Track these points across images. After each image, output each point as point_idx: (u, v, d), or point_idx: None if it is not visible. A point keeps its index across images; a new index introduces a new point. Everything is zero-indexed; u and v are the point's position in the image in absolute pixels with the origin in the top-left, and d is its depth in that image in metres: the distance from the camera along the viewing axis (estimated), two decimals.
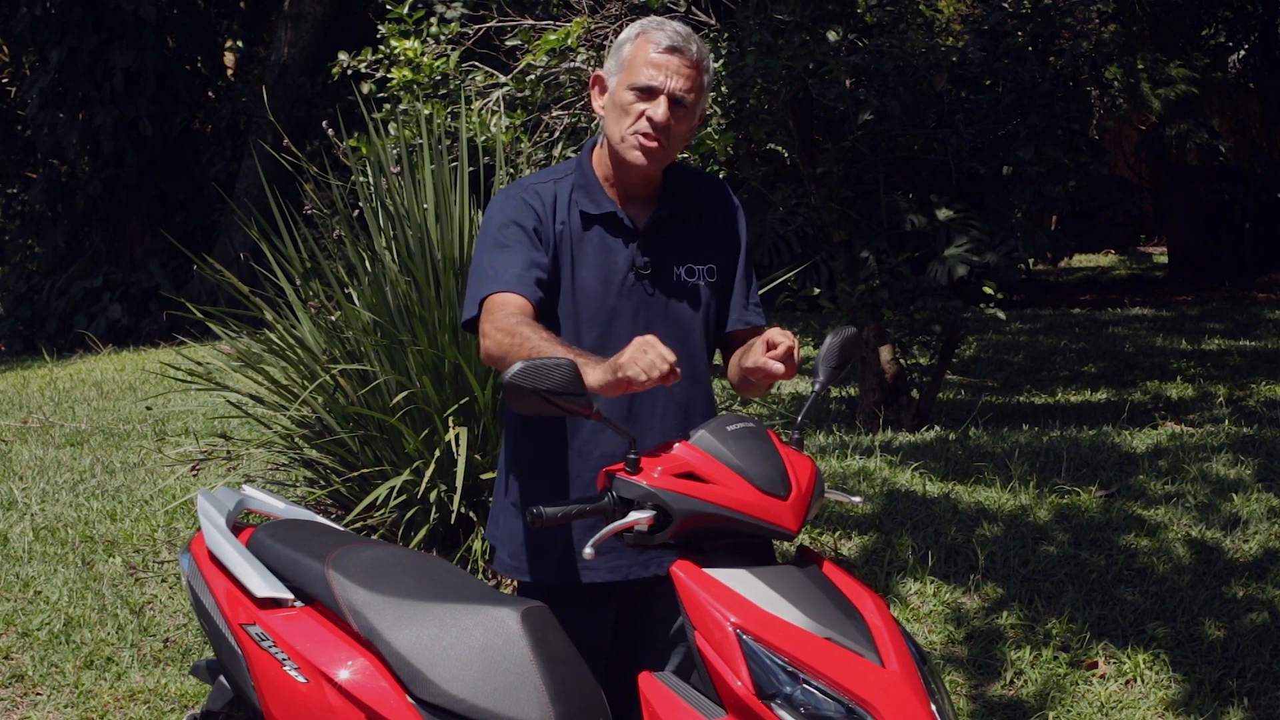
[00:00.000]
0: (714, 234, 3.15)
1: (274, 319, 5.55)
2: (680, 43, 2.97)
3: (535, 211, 3.04)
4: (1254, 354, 11.36)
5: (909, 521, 5.32)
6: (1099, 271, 20.34)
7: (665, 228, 3.10)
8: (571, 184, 3.09)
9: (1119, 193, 15.75)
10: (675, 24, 3.02)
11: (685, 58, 2.97)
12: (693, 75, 2.98)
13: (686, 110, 3.00)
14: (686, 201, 3.13)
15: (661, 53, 2.96)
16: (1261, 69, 19.33)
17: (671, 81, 2.97)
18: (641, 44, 2.99)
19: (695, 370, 3.12)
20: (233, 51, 17.88)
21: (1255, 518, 5.19)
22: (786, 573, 2.68)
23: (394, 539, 5.08)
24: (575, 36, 7.49)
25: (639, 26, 3.03)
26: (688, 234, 3.12)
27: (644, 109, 2.98)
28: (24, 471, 7.19)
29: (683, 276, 3.10)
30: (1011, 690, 4.42)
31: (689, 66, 2.98)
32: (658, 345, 2.66)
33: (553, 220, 3.06)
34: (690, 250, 3.11)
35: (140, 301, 15.71)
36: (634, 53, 3.00)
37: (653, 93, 2.97)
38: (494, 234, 3.03)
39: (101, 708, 4.57)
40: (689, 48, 2.98)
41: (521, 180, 3.16)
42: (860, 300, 7.70)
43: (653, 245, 3.08)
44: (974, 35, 8.04)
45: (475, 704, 2.83)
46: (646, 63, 2.97)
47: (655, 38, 2.98)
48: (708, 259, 3.13)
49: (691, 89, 2.99)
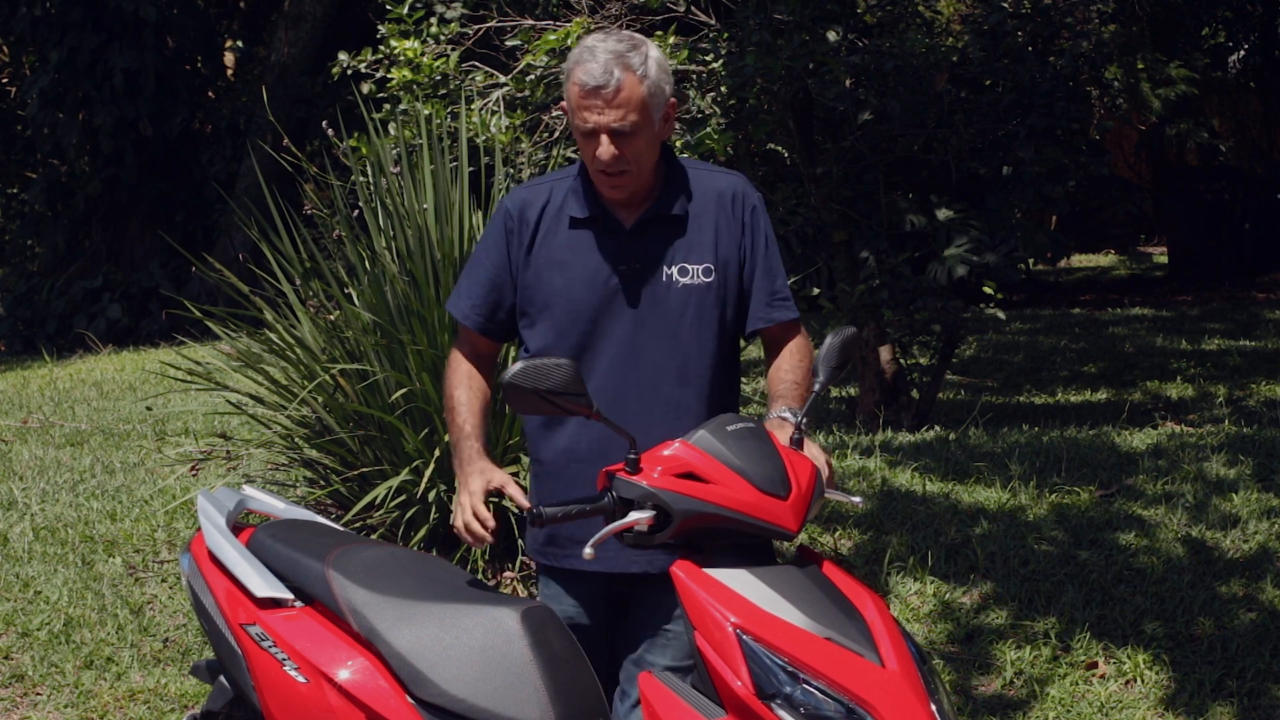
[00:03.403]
0: (716, 232, 3.13)
1: (274, 319, 5.55)
2: (598, 79, 2.95)
3: (511, 219, 3.14)
4: (1254, 354, 11.36)
5: (908, 521, 5.32)
6: (1099, 271, 20.34)
7: (655, 227, 3.10)
8: (567, 187, 3.13)
9: (1119, 193, 15.74)
10: (603, 49, 2.98)
11: (606, 93, 2.94)
12: (622, 103, 2.95)
13: (632, 132, 2.98)
14: (684, 199, 3.12)
15: (585, 95, 2.96)
16: (1261, 69, 19.33)
17: (602, 118, 2.96)
18: (571, 86, 3.00)
19: (685, 371, 3.10)
20: (233, 51, 17.87)
21: (1253, 517, 5.20)
22: (786, 573, 2.69)
23: (394, 539, 5.08)
24: (575, 36, 7.49)
25: (573, 57, 3.02)
26: (682, 233, 3.11)
27: (593, 148, 2.99)
28: (24, 471, 7.19)
29: (674, 276, 3.09)
30: (1010, 690, 4.43)
31: (613, 99, 2.95)
32: (478, 511, 3.00)
33: (536, 223, 3.12)
34: (683, 249, 3.10)
35: (140, 301, 15.70)
36: (568, 93, 3.02)
37: (593, 133, 2.98)
38: (484, 236, 3.22)
39: (101, 708, 4.57)
40: (608, 82, 2.94)
41: (521, 186, 3.24)
42: (860, 300, 7.71)
43: (640, 245, 3.09)
44: (974, 35, 8.04)
45: (475, 704, 2.84)
46: (577, 106, 2.99)
47: (579, 77, 2.98)
48: (704, 258, 3.11)
49: (624, 118, 2.96)
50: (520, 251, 3.13)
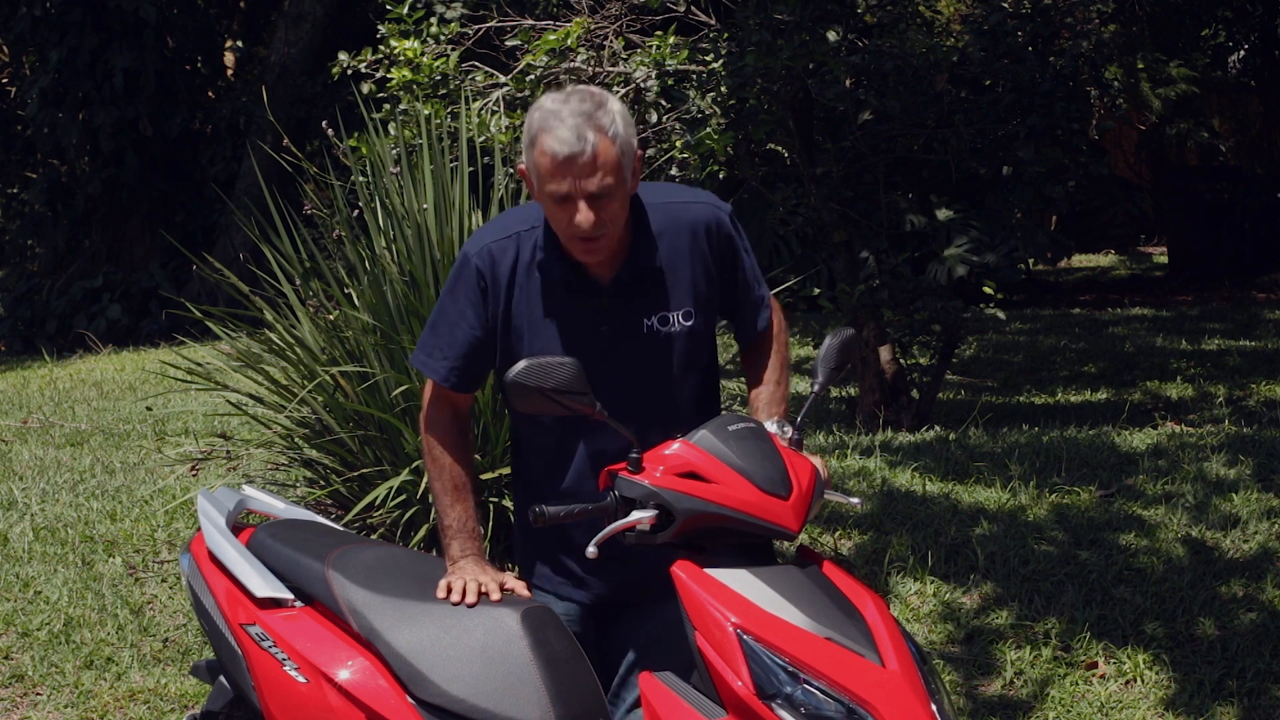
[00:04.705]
0: (692, 273, 3.02)
1: (274, 319, 5.55)
2: (571, 148, 2.79)
3: (484, 279, 2.98)
4: (1253, 354, 11.36)
5: (908, 521, 5.32)
6: (1099, 271, 20.34)
7: (631, 283, 2.98)
8: (533, 241, 2.98)
9: (1119, 193, 15.76)
10: (568, 112, 2.82)
11: (581, 161, 2.79)
12: (599, 169, 2.81)
13: (609, 195, 2.84)
14: (659, 249, 2.99)
15: (558, 165, 2.80)
16: (1262, 69, 19.33)
17: (579, 185, 2.81)
18: (539, 154, 2.83)
19: (673, 415, 3.00)
20: (233, 51, 17.87)
21: (1253, 517, 5.20)
22: (787, 573, 2.69)
23: (394, 539, 5.08)
24: (575, 36, 7.50)
25: (536, 123, 2.84)
26: (659, 282, 2.99)
27: (567, 215, 2.84)
28: (24, 471, 7.19)
29: (654, 326, 2.99)
30: (1011, 690, 4.42)
31: (588, 165, 2.80)
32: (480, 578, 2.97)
33: (508, 282, 2.98)
34: (661, 299, 2.99)
35: (140, 301, 15.70)
36: (535, 160, 2.85)
37: (567, 199, 2.83)
38: (444, 298, 3.06)
39: (101, 708, 4.57)
40: (583, 149, 2.79)
41: (486, 232, 3.05)
42: (860, 300, 7.70)
43: (617, 302, 2.98)
44: (974, 35, 8.04)
45: (475, 704, 2.84)
46: (548, 174, 2.82)
47: (548, 146, 2.81)
48: (683, 303, 3.01)
49: (602, 182, 2.82)
50: (497, 310, 2.99)
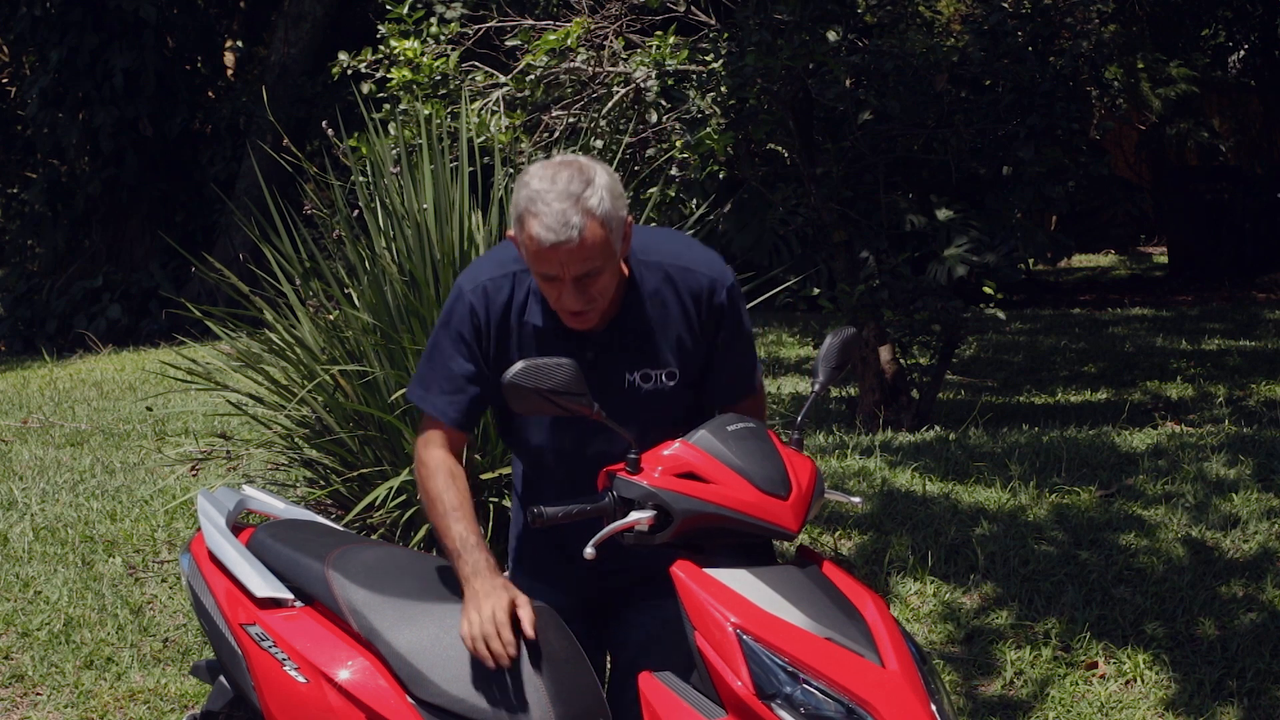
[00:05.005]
0: (679, 337, 2.98)
1: (274, 319, 5.55)
2: (558, 235, 2.74)
3: (479, 318, 2.95)
4: (1253, 354, 11.37)
5: (908, 521, 5.32)
6: (1099, 271, 20.34)
7: (618, 337, 2.96)
8: (528, 285, 2.95)
9: (1119, 193, 15.76)
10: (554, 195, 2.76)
11: (568, 248, 2.75)
12: (586, 252, 2.77)
13: (596, 274, 2.81)
14: (646, 308, 2.96)
15: (544, 250, 2.76)
16: (1262, 69, 19.33)
17: (565, 269, 2.78)
18: (526, 236, 2.79)
19: None
20: (233, 51, 17.87)
21: (1254, 517, 5.20)
22: (786, 573, 2.69)
23: (394, 539, 5.08)
24: (575, 36, 7.50)
25: (523, 200, 2.79)
26: (647, 340, 2.97)
27: (555, 291, 2.83)
28: (24, 471, 7.19)
29: (636, 382, 2.97)
30: (1011, 690, 4.43)
31: (574, 252, 2.75)
32: (502, 633, 2.80)
33: (501, 322, 2.95)
34: (646, 355, 2.97)
35: (140, 301, 15.70)
36: (522, 239, 2.81)
37: (556, 279, 2.80)
38: (439, 331, 3.01)
39: (101, 708, 4.57)
40: (570, 236, 2.74)
41: (484, 267, 3.01)
42: (860, 300, 7.71)
43: (604, 356, 2.95)
44: (974, 35, 8.04)
45: (475, 704, 2.84)
46: (536, 255, 2.78)
47: (534, 230, 2.76)
48: (666, 363, 2.98)
49: (588, 264, 2.78)
50: (489, 349, 2.97)
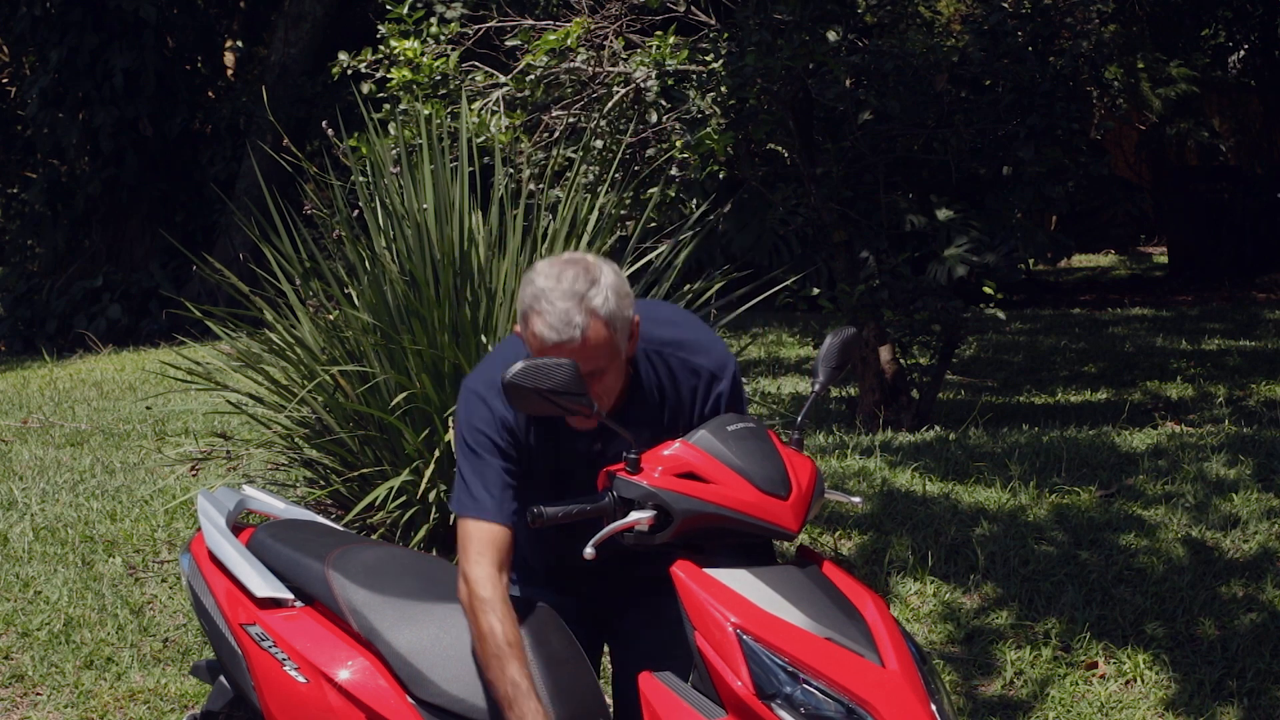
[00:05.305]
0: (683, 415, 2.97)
1: (274, 319, 5.55)
2: (561, 334, 2.73)
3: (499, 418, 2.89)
4: (1253, 354, 11.36)
5: (908, 521, 5.32)
6: (1099, 271, 20.34)
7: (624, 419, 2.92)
8: None
9: (1119, 193, 15.74)
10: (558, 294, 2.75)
11: (570, 347, 2.74)
12: (589, 352, 2.76)
13: (601, 371, 2.80)
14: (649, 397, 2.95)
15: (549, 348, 2.75)
16: (1262, 69, 19.33)
17: None
18: (530, 333, 2.78)
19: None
20: (233, 51, 17.87)
21: (1254, 517, 5.20)
22: (786, 573, 2.69)
23: (394, 539, 5.08)
24: (575, 36, 7.50)
25: (527, 299, 2.78)
26: (653, 419, 2.95)
27: None
28: (24, 471, 7.19)
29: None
30: (1011, 690, 4.43)
31: (578, 351, 2.74)
32: None
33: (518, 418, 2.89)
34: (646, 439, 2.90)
35: (140, 301, 15.70)
36: (527, 336, 2.80)
37: None
38: (468, 437, 2.91)
39: (101, 708, 4.57)
40: (573, 336, 2.73)
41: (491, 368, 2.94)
42: (860, 300, 7.71)
43: (609, 445, 2.93)
44: (974, 35, 8.04)
45: (475, 704, 2.84)
46: (540, 353, 2.77)
47: (538, 329, 2.76)
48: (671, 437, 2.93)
49: (592, 364, 2.77)
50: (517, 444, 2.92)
